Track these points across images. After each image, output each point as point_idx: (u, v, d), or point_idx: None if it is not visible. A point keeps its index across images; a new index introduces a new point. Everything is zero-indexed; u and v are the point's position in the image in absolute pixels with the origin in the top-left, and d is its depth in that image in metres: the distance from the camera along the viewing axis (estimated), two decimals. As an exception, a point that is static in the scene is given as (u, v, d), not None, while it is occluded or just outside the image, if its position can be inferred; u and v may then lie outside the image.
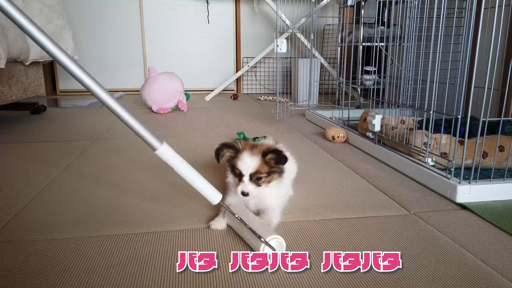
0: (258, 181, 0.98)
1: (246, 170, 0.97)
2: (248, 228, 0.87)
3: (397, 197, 1.21)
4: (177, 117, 2.63)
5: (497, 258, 0.86)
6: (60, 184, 1.31)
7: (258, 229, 0.86)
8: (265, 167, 0.97)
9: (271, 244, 0.83)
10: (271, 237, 0.84)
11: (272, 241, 0.84)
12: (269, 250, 0.83)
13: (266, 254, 0.82)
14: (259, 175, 0.97)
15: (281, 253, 0.83)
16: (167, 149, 0.87)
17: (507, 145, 1.36)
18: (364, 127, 1.82)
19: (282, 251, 0.85)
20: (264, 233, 0.85)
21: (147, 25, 3.85)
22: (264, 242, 0.83)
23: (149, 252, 0.87)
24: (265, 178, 0.98)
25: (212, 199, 0.92)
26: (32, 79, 2.49)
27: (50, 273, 0.79)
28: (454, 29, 1.96)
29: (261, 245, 0.83)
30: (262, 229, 0.87)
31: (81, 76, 0.79)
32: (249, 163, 0.96)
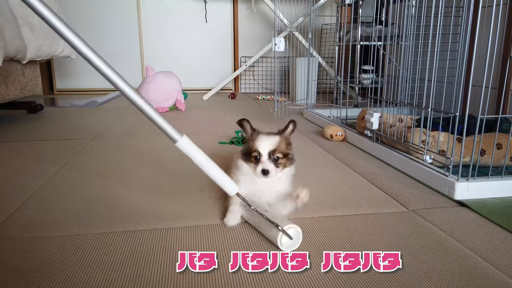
0: (277, 162, 0.97)
1: (265, 149, 0.96)
2: (265, 218, 0.88)
3: (395, 194, 1.21)
4: (175, 116, 2.62)
5: (495, 254, 0.86)
6: (57, 182, 1.30)
7: (275, 219, 0.87)
8: (283, 146, 0.98)
9: (289, 233, 0.84)
10: (288, 226, 0.85)
11: (289, 230, 0.85)
12: (287, 240, 0.84)
13: (266, 254, 0.82)
14: (278, 154, 0.97)
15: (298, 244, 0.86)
16: (187, 141, 0.89)
17: (505, 142, 1.37)
18: (362, 126, 1.82)
19: (299, 240, 0.87)
20: (281, 222, 0.86)
21: (145, 24, 3.84)
22: (281, 231, 0.84)
23: (147, 249, 0.87)
24: (282, 160, 0.98)
25: (230, 190, 0.93)
26: (29, 78, 2.48)
27: (48, 270, 0.78)
28: (452, 27, 1.97)
29: (279, 233, 0.84)
30: (279, 219, 0.88)
31: (106, 70, 0.80)
32: (267, 142, 0.97)
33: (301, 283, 0.75)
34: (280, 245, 0.85)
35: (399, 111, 1.84)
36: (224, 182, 0.93)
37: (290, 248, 0.86)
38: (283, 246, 0.85)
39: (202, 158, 0.91)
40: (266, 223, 0.89)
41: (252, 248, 0.87)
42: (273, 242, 0.87)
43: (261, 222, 0.91)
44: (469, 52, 1.32)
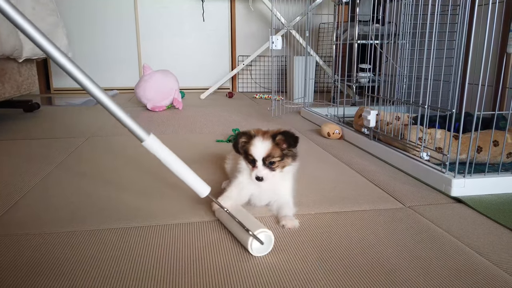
0: (272, 166, 0.97)
1: (259, 155, 0.96)
2: (237, 221, 0.86)
3: (392, 191, 1.21)
4: (172, 115, 2.61)
5: (492, 249, 0.86)
6: (53, 180, 1.29)
7: (247, 223, 0.85)
8: (277, 151, 0.97)
9: (260, 238, 0.82)
10: (260, 230, 0.82)
11: (260, 234, 0.82)
12: (257, 244, 0.82)
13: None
14: (272, 159, 0.97)
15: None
16: (154, 141, 0.85)
17: (501, 139, 1.37)
18: (359, 123, 1.82)
19: (270, 245, 0.84)
20: (253, 226, 0.83)
21: (142, 23, 3.83)
22: (252, 236, 0.82)
23: (142, 246, 0.87)
24: (279, 162, 0.98)
25: (201, 192, 0.90)
26: (26, 77, 2.47)
27: (43, 266, 0.78)
28: (448, 26, 1.97)
29: (249, 238, 0.82)
30: (251, 223, 0.86)
31: (72, 70, 0.78)
32: (261, 148, 0.96)
33: (299, 278, 0.75)
34: (251, 250, 0.82)
35: (396, 109, 1.84)
36: (194, 183, 0.89)
37: (261, 253, 0.83)
38: (253, 251, 0.82)
39: (170, 158, 0.87)
40: (238, 227, 0.86)
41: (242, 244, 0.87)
42: (244, 246, 0.85)
43: (234, 226, 0.89)
44: (465, 50, 1.32)
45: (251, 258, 0.82)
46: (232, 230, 0.91)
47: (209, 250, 0.85)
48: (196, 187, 0.90)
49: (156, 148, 0.86)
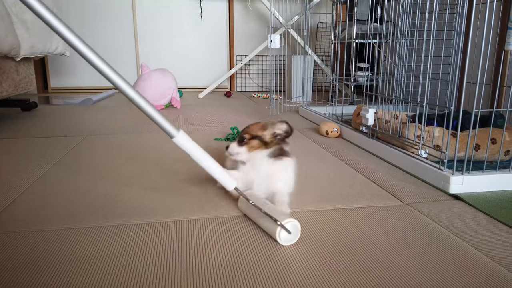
0: (242, 142, 1.06)
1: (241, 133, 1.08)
2: (264, 212, 0.88)
3: (390, 188, 1.21)
4: (170, 114, 2.61)
5: (490, 245, 0.86)
6: (51, 178, 1.29)
7: (273, 213, 0.87)
8: (256, 129, 1.07)
9: (287, 228, 0.84)
10: (287, 220, 0.85)
11: (288, 224, 0.85)
12: (285, 234, 0.85)
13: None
14: (244, 134, 1.06)
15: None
16: (183, 137, 0.89)
17: (499, 137, 1.37)
18: (357, 122, 1.82)
19: (298, 234, 0.87)
20: (280, 217, 0.86)
21: (140, 22, 3.82)
22: (280, 226, 0.84)
23: (142, 243, 0.87)
24: (250, 140, 1.05)
25: (228, 185, 0.95)
26: (23, 76, 2.46)
27: (41, 263, 0.78)
28: (447, 24, 1.97)
29: (277, 228, 0.84)
30: (277, 213, 0.88)
31: (104, 68, 0.85)
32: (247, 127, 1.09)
33: (297, 274, 0.75)
34: (279, 239, 0.85)
35: (395, 108, 1.84)
36: (222, 177, 0.93)
37: (289, 242, 0.86)
38: (281, 240, 0.85)
39: (199, 153, 0.91)
40: (265, 217, 0.89)
41: (248, 242, 0.87)
42: (271, 236, 0.87)
43: (259, 217, 0.91)
44: (463, 48, 1.33)
45: (252, 256, 0.82)
46: (258, 221, 0.94)
47: (208, 247, 0.85)
48: (223, 180, 0.94)
49: (185, 144, 0.89)
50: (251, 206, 0.94)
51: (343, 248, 0.84)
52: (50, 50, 2.54)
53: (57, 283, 0.71)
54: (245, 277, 0.74)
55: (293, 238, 0.86)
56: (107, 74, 0.84)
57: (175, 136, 0.89)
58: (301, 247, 0.85)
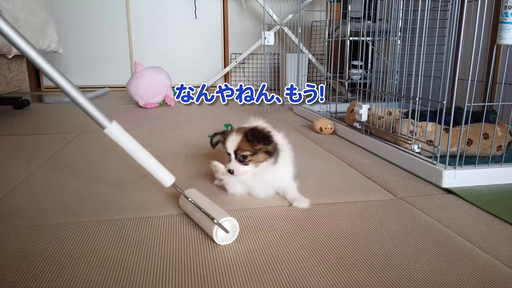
0: (244, 160, 1.00)
1: (230, 148, 1.01)
2: (202, 211, 0.85)
3: (384, 183, 1.22)
4: (165, 112, 2.60)
5: (482, 237, 0.87)
6: (43, 174, 1.28)
7: (212, 212, 0.84)
8: (247, 146, 1.00)
9: (225, 226, 0.82)
10: (224, 219, 0.82)
11: (225, 223, 0.82)
12: (223, 233, 0.82)
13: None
14: (242, 152, 1.00)
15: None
16: (116, 128, 0.82)
17: (491, 132, 1.38)
18: (351, 118, 1.82)
19: (235, 233, 0.84)
20: (218, 215, 0.83)
21: (134, 20, 3.80)
22: (217, 224, 0.81)
23: (133, 237, 0.86)
24: (251, 157, 1.00)
25: (165, 181, 0.87)
26: (15, 73, 2.44)
27: (31, 257, 0.77)
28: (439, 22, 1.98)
29: (214, 226, 0.81)
30: (216, 212, 0.85)
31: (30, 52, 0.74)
32: (232, 142, 1.01)
33: (290, 266, 0.75)
34: (216, 238, 0.82)
35: (388, 105, 1.85)
36: (158, 172, 0.87)
37: (226, 242, 0.83)
38: (218, 239, 0.82)
39: (134, 146, 0.84)
40: (203, 216, 0.85)
41: (241, 235, 0.87)
42: (209, 235, 0.84)
43: (198, 216, 0.88)
44: (455, 45, 1.33)
45: (245, 248, 0.81)
46: (196, 219, 0.91)
47: (200, 241, 0.84)
48: (160, 176, 0.87)
49: (119, 135, 0.83)
50: (191, 204, 0.90)
51: (336, 241, 0.84)
52: (42, 48, 2.52)
53: (48, 276, 0.70)
54: (237, 269, 0.74)
55: (231, 237, 0.84)
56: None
57: (107, 128, 0.81)
58: (294, 240, 0.85)
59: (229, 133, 1.04)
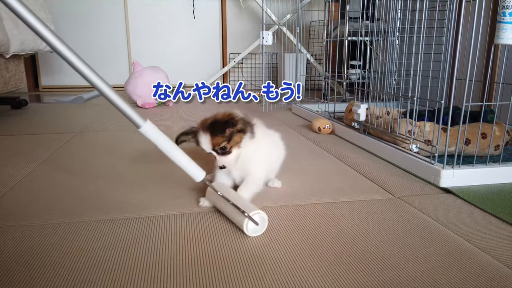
0: (225, 150, 1.01)
1: (208, 148, 1.02)
2: (232, 204, 0.89)
3: (382, 182, 1.22)
4: (163, 112, 2.60)
5: (479, 236, 0.87)
6: (41, 174, 1.28)
7: (241, 205, 0.88)
8: (219, 138, 1.00)
9: (254, 219, 0.85)
10: (254, 212, 0.85)
11: (255, 215, 0.85)
12: (253, 225, 0.85)
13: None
14: (220, 146, 1.00)
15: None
16: (150, 127, 0.86)
17: (489, 132, 1.38)
18: (349, 118, 1.82)
19: (265, 225, 0.88)
20: (248, 208, 0.86)
21: (132, 20, 3.80)
22: (247, 217, 0.84)
23: (131, 237, 0.86)
24: (229, 143, 1.00)
25: (196, 176, 0.92)
26: (13, 73, 2.44)
27: (29, 256, 0.77)
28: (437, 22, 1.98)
29: (244, 220, 0.85)
30: (245, 205, 0.88)
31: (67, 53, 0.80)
32: (205, 142, 1.01)
33: (288, 266, 0.75)
34: (246, 231, 0.85)
35: (386, 105, 1.85)
36: (190, 168, 0.91)
37: (256, 233, 0.86)
38: (249, 232, 0.86)
39: (167, 144, 0.88)
40: (233, 209, 0.89)
41: (237, 234, 0.87)
42: (239, 227, 0.88)
43: (228, 209, 0.92)
44: (453, 45, 1.34)
45: (241, 248, 0.81)
46: (226, 212, 0.94)
47: (197, 240, 0.84)
48: (192, 172, 0.92)
49: (153, 134, 0.86)
50: (220, 198, 0.93)
51: (334, 240, 0.85)
52: (40, 47, 2.51)
53: (46, 276, 0.70)
54: (235, 268, 0.74)
55: (260, 229, 0.87)
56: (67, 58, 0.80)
57: (142, 126, 0.85)
58: (292, 239, 0.85)
59: (196, 131, 1.03)
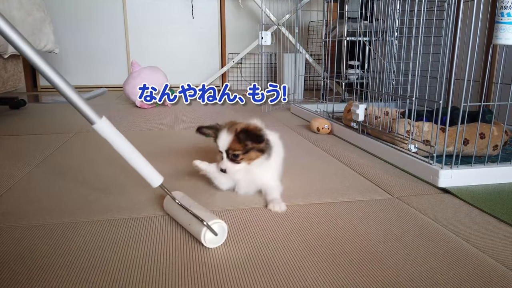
0: (236, 159, 1.00)
1: (222, 147, 1.01)
2: (191, 212, 0.83)
3: (380, 182, 1.22)
4: (161, 112, 2.60)
5: (478, 236, 0.87)
6: (39, 174, 1.27)
7: (200, 214, 0.82)
8: (238, 145, 0.99)
9: (213, 228, 0.80)
10: (214, 221, 0.80)
11: (214, 225, 0.80)
12: (211, 235, 0.80)
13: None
14: (234, 152, 1.00)
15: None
16: (106, 124, 0.80)
17: (487, 132, 1.39)
18: (348, 118, 1.82)
19: (224, 236, 0.82)
20: (206, 217, 0.81)
21: (131, 20, 3.79)
22: (206, 226, 0.79)
23: (129, 237, 0.86)
24: (243, 155, 1.00)
25: (153, 181, 0.85)
26: (12, 73, 2.43)
27: (27, 258, 0.76)
28: (435, 22, 1.99)
29: (203, 228, 0.79)
30: (204, 214, 0.83)
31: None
32: (223, 140, 1.00)
33: (286, 266, 0.75)
34: (204, 241, 0.80)
35: (385, 105, 1.85)
36: (147, 172, 0.85)
37: (214, 244, 0.81)
38: (207, 242, 0.80)
39: (123, 143, 0.82)
40: (191, 219, 0.83)
41: (237, 234, 0.87)
42: (196, 238, 0.83)
43: (184, 219, 0.86)
44: (452, 45, 1.34)
45: (242, 248, 0.81)
46: (182, 222, 0.89)
47: (195, 241, 0.84)
48: (148, 176, 0.85)
49: (108, 132, 0.80)
50: (177, 206, 0.88)
51: (333, 240, 0.85)
52: (39, 47, 2.51)
53: (44, 277, 0.70)
54: (233, 269, 0.74)
55: (219, 240, 0.82)
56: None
57: (97, 123, 0.79)
58: (290, 240, 0.85)
59: (220, 129, 1.03)
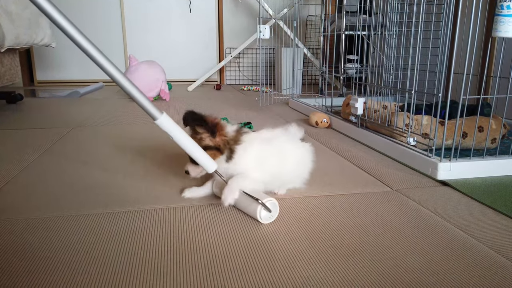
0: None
1: None
2: (245, 193, 0.92)
3: (379, 175, 1.22)
4: (159, 106, 2.58)
5: (477, 228, 0.87)
6: (37, 168, 1.27)
7: (254, 194, 0.91)
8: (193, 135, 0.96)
9: (268, 206, 0.88)
10: (267, 199, 0.88)
11: (267, 203, 0.88)
12: (266, 212, 0.89)
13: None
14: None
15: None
16: (167, 119, 0.89)
17: (486, 125, 1.39)
18: (347, 112, 1.82)
19: (276, 212, 0.91)
20: (259, 196, 0.89)
21: (128, 14, 3.77)
22: (261, 204, 0.87)
23: (129, 230, 0.86)
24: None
25: (209, 168, 0.95)
26: (8, 67, 2.42)
27: (27, 251, 0.76)
28: (434, 16, 1.98)
29: (258, 207, 0.87)
30: (257, 194, 0.91)
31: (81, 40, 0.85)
32: None
33: (287, 258, 0.75)
34: (260, 219, 0.88)
35: (384, 99, 1.85)
36: (203, 160, 0.94)
37: (268, 220, 0.90)
38: (262, 219, 0.89)
39: (181, 135, 0.92)
40: (245, 199, 0.92)
41: (234, 226, 0.87)
42: (252, 216, 0.90)
43: (239, 199, 0.94)
44: (451, 39, 1.33)
45: (239, 240, 0.81)
46: (236, 203, 0.95)
47: (194, 232, 0.84)
48: (205, 163, 0.95)
49: (168, 126, 0.89)
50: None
51: (333, 232, 0.85)
52: (35, 41, 2.49)
53: (44, 269, 0.70)
54: (234, 260, 0.74)
55: (273, 216, 0.90)
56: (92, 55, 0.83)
57: (158, 118, 0.88)
58: (290, 232, 0.85)
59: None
